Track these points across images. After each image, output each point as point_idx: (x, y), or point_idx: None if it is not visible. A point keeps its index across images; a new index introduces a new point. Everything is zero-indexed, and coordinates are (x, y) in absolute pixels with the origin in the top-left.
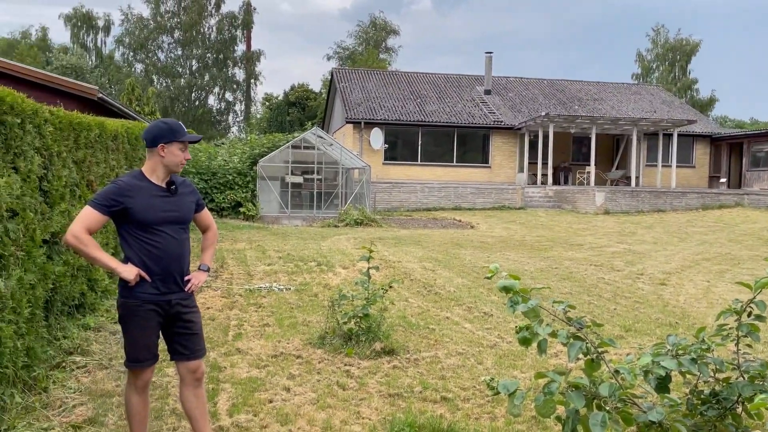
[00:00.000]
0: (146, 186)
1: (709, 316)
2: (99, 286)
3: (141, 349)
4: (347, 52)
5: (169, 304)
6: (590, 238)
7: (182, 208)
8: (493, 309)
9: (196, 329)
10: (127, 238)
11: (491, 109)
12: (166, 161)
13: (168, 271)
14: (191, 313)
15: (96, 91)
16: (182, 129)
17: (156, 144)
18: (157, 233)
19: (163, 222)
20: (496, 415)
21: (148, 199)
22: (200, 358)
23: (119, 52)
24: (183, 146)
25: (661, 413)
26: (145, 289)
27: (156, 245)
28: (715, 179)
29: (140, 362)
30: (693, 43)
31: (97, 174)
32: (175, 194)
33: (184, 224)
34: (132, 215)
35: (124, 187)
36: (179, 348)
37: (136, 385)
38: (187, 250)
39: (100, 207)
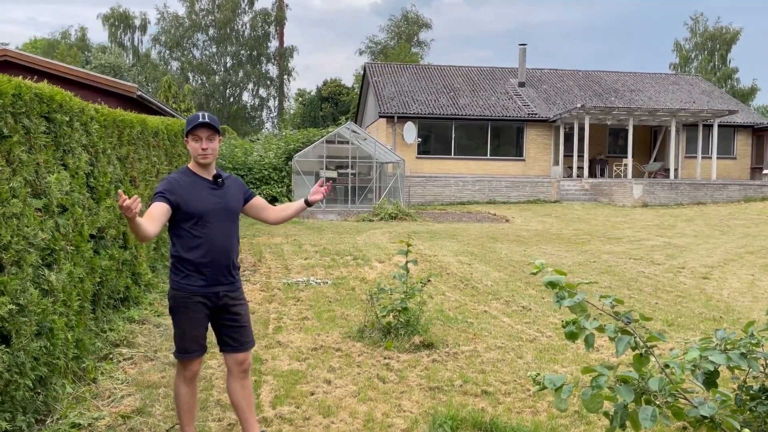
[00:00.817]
0: (192, 179)
1: (755, 310)
2: (142, 280)
3: (189, 340)
4: (379, 47)
5: (217, 297)
6: (628, 231)
7: (228, 198)
8: (531, 303)
9: (244, 321)
10: (176, 232)
11: (525, 102)
12: (191, 154)
13: (216, 263)
14: (239, 305)
15: (135, 89)
16: (194, 119)
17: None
18: (204, 225)
19: (210, 213)
20: (538, 409)
21: (195, 192)
22: (247, 351)
23: (155, 50)
24: (196, 136)
25: (713, 408)
26: (194, 281)
27: (203, 237)
28: (758, 171)
29: (188, 353)
30: (733, 32)
31: (139, 170)
32: (221, 186)
33: (231, 214)
34: (181, 208)
35: (173, 182)
36: (227, 340)
37: (185, 376)
38: (235, 242)
39: (160, 198)
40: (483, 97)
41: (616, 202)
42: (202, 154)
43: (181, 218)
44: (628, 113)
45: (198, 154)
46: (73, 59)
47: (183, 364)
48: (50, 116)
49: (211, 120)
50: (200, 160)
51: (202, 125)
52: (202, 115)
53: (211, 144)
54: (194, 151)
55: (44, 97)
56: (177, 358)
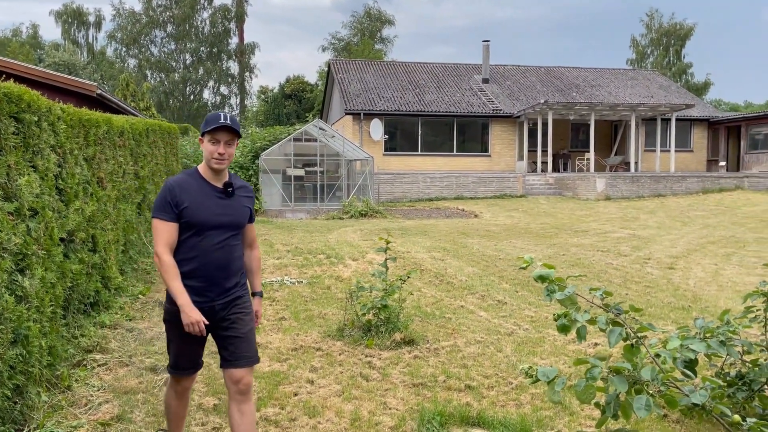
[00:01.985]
0: (200, 184)
1: (721, 299)
2: (112, 284)
3: (181, 356)
4: (342, 43)
5: (213, 311)
6: (594, 224)
7: (236, 213)
8: (506, 297)
9: (242, 332)
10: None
11: (490, 98)
12: (204, 156)
13: (212, 278)
14: (240, 314)
15: (95, 87)
16: (214, 119)
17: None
18: (205, 237)
19: (213, 225)
20: (521, 402)
21: (201, 199)
22: (244, 367)
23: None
24: (214, 139)
25: (704, 395)
26: (189, 294)
27: (202, 249)
28: (714, 163)
29: (180, 370)
30: (687, 27)
31: (106, 171)
32: (230, 196)
33: (236, 230)
34: (184, 215)
35: (175, 186)
36: (224, 353)
37: (176, 390)
38: (236, 258)
39: (163, 215)
40: (448, 93)
41: (579, 195)
42: (218, 159)
43: (182, 226)
44: (590, 108)
45: (213, 158)
46: (26, 57)
47: (176, 379)
48: (19, 116)
49: (233, 123)
50: (214, 165)
51: (223, 127)
52: (224, 115)
53: (229, 149)
54: (209, 154)
55: (13, 96)
56: (169, 372)
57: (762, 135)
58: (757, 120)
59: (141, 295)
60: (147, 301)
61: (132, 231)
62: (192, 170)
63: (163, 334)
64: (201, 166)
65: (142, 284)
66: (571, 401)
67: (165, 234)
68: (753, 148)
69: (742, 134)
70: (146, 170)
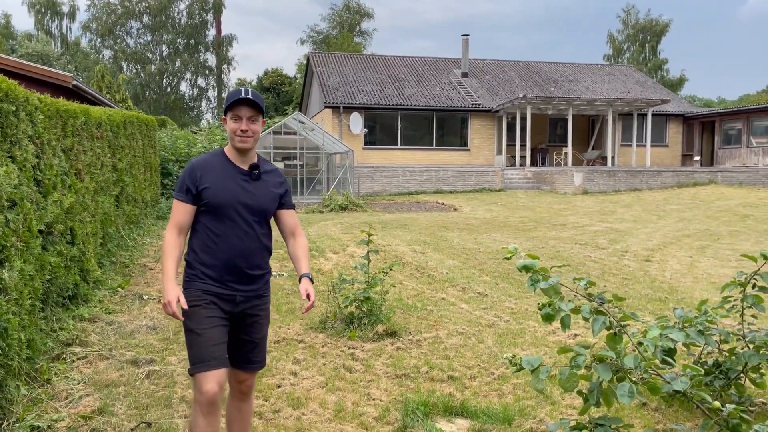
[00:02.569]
0: (223, 165)
1: (696, 290)
2: (91, 277)
3: (207, 343)
4: (321, 36)
5: (234, 301)
6: (572, 217)
7: (262, 197)
8: (486, 289)
9: (257, 338)
10: (195, 223)
11: (469, 92)
12: (228, 136)
13: (232, 266)
14: (258, 317)
15: (71, 78)
16: (234, 95)
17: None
18: (226, 221)
19: (232, 208)
20: (503, 392)
21: (223, 180)
22: (251, 371)
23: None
24: (236, 116)
25: (686, 383)
26: (207, 280)
27: (223, 234)
28: (688, 158)
29: (206, 362)
30: (663, 24)
31: (84, 163)
32: (256, 179)
33: (260, 216)
34: (204, 196)
35: (197, 166)
36: (235, 353)
37: (200, 402)
38: (261, 247)
39: (180, 195)
40: (428, 87)
41: (557, 189)
42: (241, 136)
43: (201, 208)
44: (568, 103)
45: (236, 136)
46: None
47: (199, 382)
48: None
49: (255, 97)
50: (238, 144)
51: (243, 102)
52: (245, 90)
53: (252, 125)
54: (232, 132)
55: None
56: (193, 373)
57: (735, 130)
58: (731, 116)
59: (120, 289)
60: (126, 295)
61: (110, 224)
62: (218, 150)
63: (143, 326)
64: (227, 146)
65: (121, 277)
66: (552, 391)
67: (177, 214)
68: (726, 143)
69: (716, 129)
70: (124, 163)
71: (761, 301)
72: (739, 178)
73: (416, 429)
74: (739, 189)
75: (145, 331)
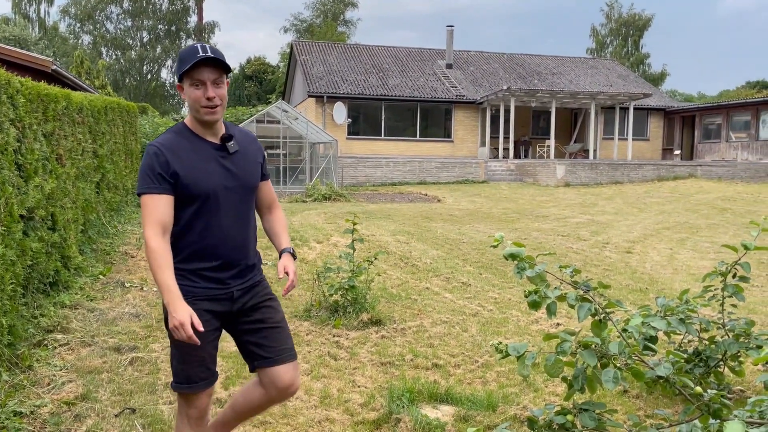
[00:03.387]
0: (193, 144)
1: (676, 281)
2: (72, 264)
3: (193, 364)
4: (305, 25)
5: (231, 299)
6: (554, 209)
7: (244, 171)
8: (470, 279)
9: (277, 320)
10: (174, 216)
11: (453, 84)
12: (190, 106)
13: (227, 259)
14: (267, 299)
15: (50, 63)
16: (190, 54)
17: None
18: (211, 209)
19: (218, 193)
20: (487, 379)
21: (197, 162)
22: (289, 362)
23: (65, 23)
24: (195, 81)
25: (669, 368)
26: (199, 282)
27: (210, 226)
28: (669, 151)
29: (193, 383)
30: (645, 18)
31: (65, 148)
32: (232, 152)
33: (248, 194)
34: (181, 185)
35: (162, 148)
36: (259, 351)
37: (189, 415)
38: (252, 229)
39: (153, 187)
40: (412, 78)
41: (540, 182)
42: (208, 106)
43: (181, 198)
44: (551, 96)
45: (202, 107)
46: None
47: (185, 398)
48: None
49: (216, 54)
50: (206, 117)
51: (204, 62)
52: (203, 47)
53: (219, 90)
54: (195, 102)
55: None
56: (176, 390)
57: (715, 125)
58: (711, 110)
59: (101, 276)
60: (108, 282)
61: (91, 211)
62: (178, 126)
63: (126, 314)
64: (188, 119)
65: (102, 265)
66: (536, 378)
67: (154, 211)
68: (706, 137)
69: (696, 124)
70: (105, 149)
71: (741, 291)
72: (718, 172)
73: (402, 415)
74: (718, 183)
75: (128, 319)
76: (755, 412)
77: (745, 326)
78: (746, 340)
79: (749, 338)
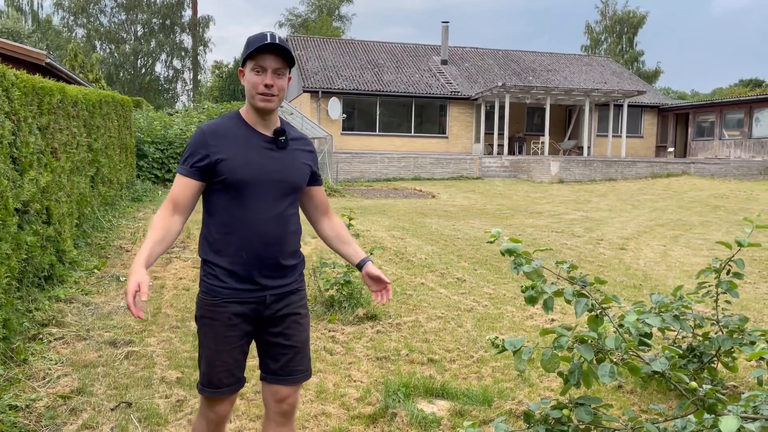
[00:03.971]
0: (242, 132)
1: (669, 278)
2: (67, 258)
3: (218, 368)
4: (300, 20)
5: (264, 303)
6: (548, 206)
7: (292, 170)
8: (465, 275)
9: (299, 341)
10: (209, 207)
11: (448, 80)
12: (247, 93)
13: (260, 258)
14: (296, 315)
15: (44, 56)
16: (257, 40)
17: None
18: (249, 201)
19: (257, 184)
20: (482, 374)
21: (244, 150)
22: (293, 384)
23: (58, 16)
24: (258, 66)
25: (665, 363)
26: (228, 282)
27: (246, 219)
28: (662, 149)
29: (216, 388)
30: (640, 15)
31: (60, 141)
32: (283, 148)
33: (291, 192)
34: (218, 172)
35: (209, 133)
36: (271, 364)
37: (208, 419)
38: (293, 230)
39: (184, 168)
40: (407, 74)
41: (534, 178)
42: (264, 94)
43: (217, 185)
44: (546, 92)
45: (258, 93)
46: None
47: (207, 401)
48: None
49: (283, 44)
50: (260, 103)
51: (269, 49)
52: (271, 35)
53: (279, 80)
54: (252, 89)
55: None
56: (199, 392)
57: (708, 123)
58: (704, 108)
59: (96, 270)
60: (103, 276)
61: (86, 205)
62: (232, 113)
63: (121, 308)
64: (243, 108)
65: (97, 259)
66: (531, 374)
67: (175, 189)
68: (699, 135)
69: (689, 122)
70: (100, 143)
71: (735, 287)
72: (711, 169)
73: (398, 410)
74: (711, 180)
75: (123, 313)
76: (749, 407)
77: (739, 322)
78: (740, 336)
79: (743, 334)
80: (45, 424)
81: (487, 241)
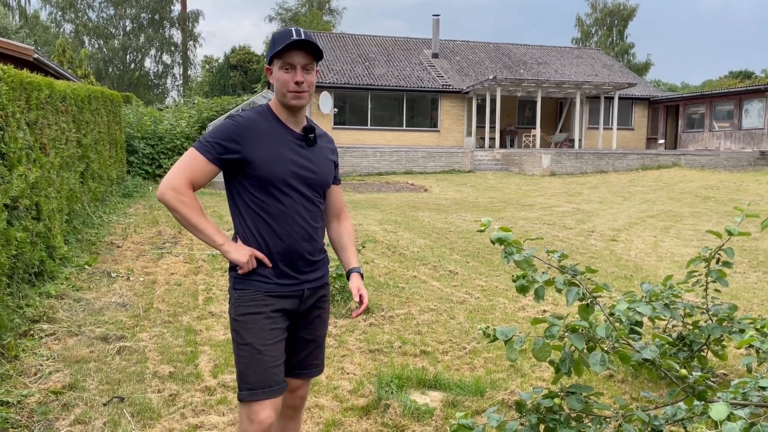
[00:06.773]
0: (275, 128)
1: (660, 268)
2: (57, 254)
3: (268, 366)
4: (290, 14)
5: (301, 297)
6: (540, 198)
7: (321, 167)
8: (457, 267)
9: (319, 335)
10: (239, 202)
11: (439, 73)
12: (276, 90)
13: (295, 251)
14: (321, 310)
15: (32, 51)
16: (284, 36)
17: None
18: (284, 198)
19: (294, 182)
20: (474, 366)
21: (277, 146)
22: (307, 378)
23: (45, 11)
24: (287, 64)
25: (655, 351)
26: (269, 276)
27: (281, 215)
28: (653, 141)
29: (268, 388)
30: (630, 8)
31: (49, 137)
32: (312, 145)
33: (321, 190)
34: (250, 167)
35: (243, 126)
36: (287, 356)
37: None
38: (321, 225)
39: (207, 150)
40: (398, 67)
41: (526, 171)
42: (295, 91)
43: (248, 180)
44: (537, 85)
45: (289, 91)
46: None
47: (247, 410)
48: None
49: (308, 38)
50: (292, 101)
51: (298, 45)
52: (297, 30)
53: (308, 76)
54: (282, 86)
55: None
56: (246, 399)
57: (698, 114)
58: (694, 100)
59: (87, 266)
60: (93, 272)
61: (76, 200)
62: (262, 108)
63: (112, 303)
64: (272, 102)
65: (88, 255)
66: (522, 364)
67: (193, 168)
68: (690, 127)
69: (680, 114)
70: (89, 138)
71: (724, 276)
72: (701, 161)
73: (391, 401)
74: (701, 172)
75: (115, 308)
76: (738, 394)
77: (728, 311)
78: (729, 325)
79: (732, 323)
80: (37, 419)
81: (478, 230)
